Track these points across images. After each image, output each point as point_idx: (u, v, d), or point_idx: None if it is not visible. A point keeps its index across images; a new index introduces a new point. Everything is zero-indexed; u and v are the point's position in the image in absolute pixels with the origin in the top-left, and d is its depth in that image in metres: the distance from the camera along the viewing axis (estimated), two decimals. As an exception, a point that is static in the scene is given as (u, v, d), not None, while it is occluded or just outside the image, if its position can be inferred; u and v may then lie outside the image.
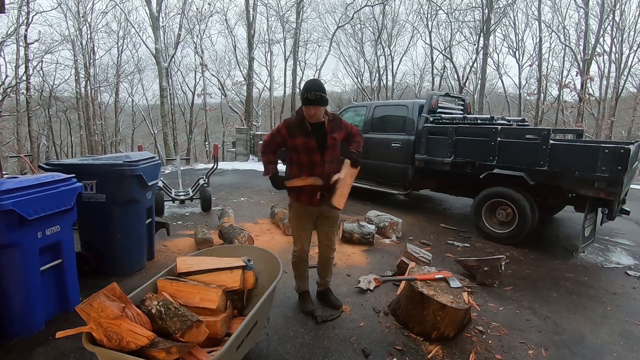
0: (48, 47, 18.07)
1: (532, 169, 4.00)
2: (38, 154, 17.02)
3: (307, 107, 2.32)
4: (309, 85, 2.32)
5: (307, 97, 2.28)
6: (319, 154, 2.36)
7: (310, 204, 2.45)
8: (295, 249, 2.64)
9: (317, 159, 2.36)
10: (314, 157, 2.36)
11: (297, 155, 2.39)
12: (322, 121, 2.39)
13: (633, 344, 2.42)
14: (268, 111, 24.08)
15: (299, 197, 2.46)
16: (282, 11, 20.86)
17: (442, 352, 2.25)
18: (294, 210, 2.56)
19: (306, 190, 2.40)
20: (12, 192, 2.13)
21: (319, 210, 2.49)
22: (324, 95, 2.31)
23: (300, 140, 2.35)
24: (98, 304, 1.43)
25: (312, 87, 2.29)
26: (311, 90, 2.27)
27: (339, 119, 2.49)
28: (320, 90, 2.29)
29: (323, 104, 2.32)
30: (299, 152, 2.37)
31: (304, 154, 2.36)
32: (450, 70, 21.18)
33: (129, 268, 3.22)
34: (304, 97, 2.29)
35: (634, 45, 17.85)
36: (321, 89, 2.30)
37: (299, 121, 2.38)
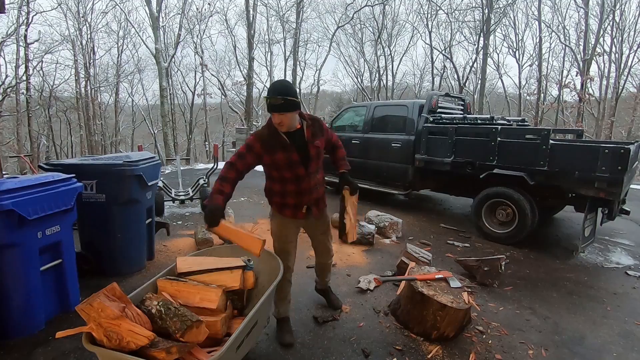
0: (48, 47, 18.09)
1: (532, 169, 4.00)
2: (38, 154, 17.01)
3: (272, 115, 1.98)
4: (271, 88, 1.96)
5: (270, 102, 1.91)
6: (302, 168, 2.07)
7: (295, 217, 2.20)
8: (282, 261, 2.20)
9: (301, 172, 2.08)
10: (298, 171, 2.07)
11: (278, 172, 2.08)
12: (297, 128, 2.07)
13: (633, 344, 2.42)
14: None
15: (282, 209, 2.18)
16: (282, 11, 20.90)
17: (442, 352, 2.25)
18: (277, 222, 2.24)
19: (290, 203, 2.15)
20: (12, 192, 2.13)
21: (304, 222, 2.29)
22: (290, 99, 1.92)
23: (280, 155, 2.02)
24: (98, 304, 1.43)
25: (275, 91, 1.92)
26: (274, 95, 1.90)
27: (318, 122, 2.18)
28: (284, 94, 1.90)
29: (292, 109, 1.95)
30: (279, 168, 2.06)
31: (286, 170, 2.06)
32: (450, 70, 21.20)
33: (129, 268, 3.22)
34: (267, 103, 1.94)
35: (634, 45, 17.88)
36: (286, 92, 1.92)
37: (273, 133, 2.02)
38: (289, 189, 2.12)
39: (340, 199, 2.41)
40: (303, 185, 2.11)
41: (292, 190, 2.12)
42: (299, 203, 2.16)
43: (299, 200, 2.15)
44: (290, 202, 2.16)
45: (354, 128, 6.42)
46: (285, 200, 2.16)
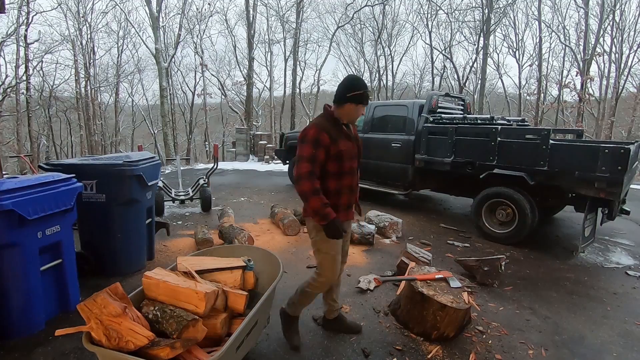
0: (48, 47, 18.09)
1: (532, 169, 4.00)
2: (38, 154, 17.03)
3: (359, 107, 2.00)
4: (360, 82, 2.02)
5: (366, 95, 1.99)
6: (357, 160, 2.09)
7: (347, 218, 2.14)
8: (329, 275, 2.08)
9: (355, 165, 2.08)
10: (353, 164, 2.06)
11: (339, 164, 1.98)
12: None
13: (633, 344, 2.42)
14: (268, 111, 24.08)
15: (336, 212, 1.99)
16: (282, 11, 20.88)
17: (442, 352, 2.25)
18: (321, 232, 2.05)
19: (343, 203, 2.06)
20: (12, 192, 2.13)
21: (349, 225, 2.24)
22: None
23: (345, 144, 1.99)
24: (101, 299, 1.44)
25: (365, 85, 2.02)
26: (366, 89, 2.00)
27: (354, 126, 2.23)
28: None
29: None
30: (342, 159, 1.98)
31: (347, 160, 2.00)
32: (450, 70, 21.20)
33: (129, 268, 3.21)
34: (360, 95, 1.97)
35: (634, 45, 17.88)
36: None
37: (334, 123, 2.00)
38: (345, 184, 2.03)
39: None
40: (355, 180, 2.10)
41: (348, 186, 2.05)
42: (351, 202, 2.12)
43: (351, 198, 2.11)
44: (344, 202, 2.06)
45: (354, 128, 6.40)
46: (339, 200, 2.03)
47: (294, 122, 20.62)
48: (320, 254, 2.06)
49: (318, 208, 1.86)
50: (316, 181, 1.89)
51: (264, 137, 13.93)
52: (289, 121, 21.10)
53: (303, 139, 1.92)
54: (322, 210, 1.87)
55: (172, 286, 1.69)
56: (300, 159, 1.90)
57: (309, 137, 1.91)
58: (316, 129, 1.93)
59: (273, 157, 12.13)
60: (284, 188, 7.50)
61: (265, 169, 10.71)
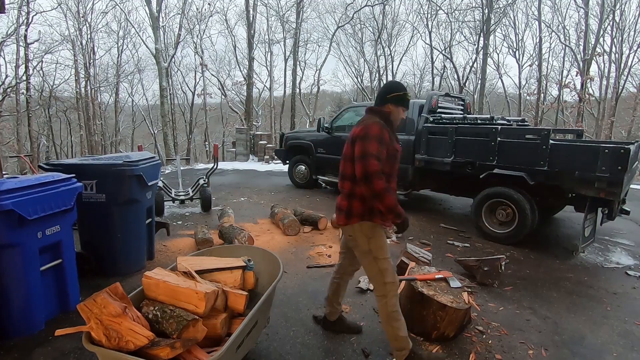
0: (48, 47, 18.11)
1: (532, 169, 4.00)
2: (38, 154, 16.99)
3: (399, 108, 2.03)
4: (401, 85, 2.07)
5: (406, 96, 2.03)
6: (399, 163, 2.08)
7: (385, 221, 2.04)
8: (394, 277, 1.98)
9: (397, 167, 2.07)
10: (397, 166, 2.05)
11: (392, 165, 1.96)
12: None
13: (633, 344, 2.42)
14: (268, 111, 24.09)
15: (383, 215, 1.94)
16: (282, 11, 20.87)
17: (442, 352, 2.25)
18: (381, 234, 1.99)
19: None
20: (12, 192, 2.13)
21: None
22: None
23: (397, 145, 1.99)
24: (101, 299, 1.44)
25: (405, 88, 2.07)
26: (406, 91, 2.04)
27: None
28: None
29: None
30: (394, 160, 1.97)
31: (397, 162, 2.01)
32: (450, 70, 21.20)
33: (129, 268, 3.21)
34: (400, 97, 2.01)
35: (634, 45, 17.90)
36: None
37: (388, 123, 1.98)
38: (392, 187, 1.98)
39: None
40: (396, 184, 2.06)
41: (394, 189, 2.00)
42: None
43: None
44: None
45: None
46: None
47: (294, 122, 20.62)
48: (379, 261, 1.95)
49: (394, 205, 1.81)
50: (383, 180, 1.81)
51: (264, 137, 13.93)
52: (289, 121, 21.11)
53: (366, 136, 1.83)
54: (398, 208, 1.82)
55: (172, 286, 1.69)
56: (366, 156, 1.79)
57: (373, 133, 1.84)
58: (379, 125, 1.88)
59: (273, 157, 12.13)
60: (284, 188, 7.50)
61: (265, 169, 10.71)
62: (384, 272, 1.95)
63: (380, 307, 1.99)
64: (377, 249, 1.94)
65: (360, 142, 1.84)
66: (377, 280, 1.97)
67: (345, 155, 2.01)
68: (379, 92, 2.09)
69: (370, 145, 1.81)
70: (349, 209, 1.96)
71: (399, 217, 1.85)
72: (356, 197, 1.94)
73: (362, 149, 1.82)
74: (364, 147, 1.82)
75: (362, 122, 1.97)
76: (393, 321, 1.96)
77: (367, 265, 1.99)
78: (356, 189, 1.93)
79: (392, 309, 1.95)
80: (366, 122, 1.92)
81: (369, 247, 1.94)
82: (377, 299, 2.00)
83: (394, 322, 1.96)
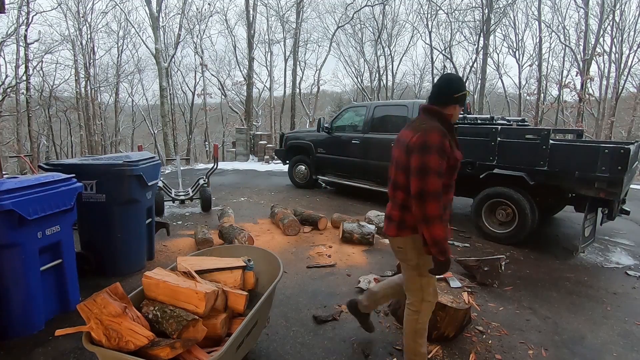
0: (48, 47, 18.10)
1: (532, 169, 4.00)
2: (38, 154, 17.00)
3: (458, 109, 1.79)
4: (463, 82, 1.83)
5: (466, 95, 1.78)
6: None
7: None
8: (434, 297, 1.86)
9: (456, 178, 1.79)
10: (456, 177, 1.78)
11: (451, 176, 1.72)
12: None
13: (633, 344, 2.42)
14: (268, 111, 24.09)
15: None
16: (282, 11, 20.87)
17: (442, 352, 2.25)
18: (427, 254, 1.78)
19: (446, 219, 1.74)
20: (12, 192, 2.13)
21: None
22: None
23: (458, 153, 1.73)
24: (101, 299, 1.44)
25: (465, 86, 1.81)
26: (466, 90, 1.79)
27: None
28: None
29: None
30: (454, 169, 1.72)
31: (455, 171, 1.74)
32: (451, 70, 21.18)
33: (129, 268, 3.21)
34: (464, 96, 1.76)
35: (634, 45, 17.90)
36: None
37: (449, 128, 1.72)
38: (450, 199, 1.78)
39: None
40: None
41: (450, 200, 1.80)
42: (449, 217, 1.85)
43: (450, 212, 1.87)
44: (447, 218, 1.74)
45: (354, 128, 6.42)
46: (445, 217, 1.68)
47: (294, 122, 20.62)
48: (423, 278, 1.80)
49: (442, 240, 1.58)
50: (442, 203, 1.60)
51: (264, 137, 13.93)
52: (289, 121, 21.11)
53: (425, 146, 1.59)
54: (445, 244, 1.60)
55: (172, 286, 1.69)
56: (426, 172, 1.57)
57: (434, 143, 1.59)
58: (440, 133, 1.62)
59: (273, 157, 12.13)
60: (284, 188, 7.50)
61: (265, 169, 10.71)
62: (426, 289, 1.82)
63: (409, 320, 1.87)
64: (426, 265, 1.77)
65: (418, 154, 1.60)
66: (416, 296, 1.84)
67: (397, 163, 1.76)
68: (440, 88, 1.77)
69: (430, 159, 1.57)
70: (401, 220, 1.77)
71: (443, 254, 1.61)
72: (411, 209, 1.70)
73: (421, 163, 1.58)
74: (423, 161, 1.58)
75: (418, 126, 1.70)
76: (418, 337, 1.86)
77: (409, 278, 1.86)
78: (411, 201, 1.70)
79: (422, 327, 1.85)
80: (424, 128, 1.64)
81: (417, 262, 1.78)
82: (408, 312, 1.88)
83: (419, 339, 1.86)
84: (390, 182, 1.84)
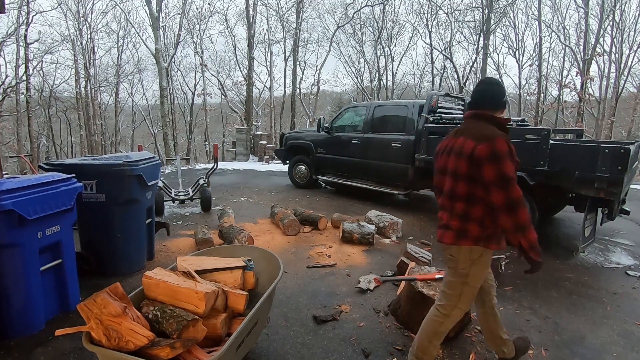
0: (48, 47, 18.11)
1: (532, 169, 3.99)
2: (38, 154, 17.01)
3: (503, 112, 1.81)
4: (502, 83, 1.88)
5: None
6: None
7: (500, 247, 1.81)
8: (467, 306, 1.87)
9: None
10: None
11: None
12: None
13: (633, 344, 2.42)
14: (268, 111, 24.09)
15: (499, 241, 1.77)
16: (282, 11, 20.87)
17: (442, 352, 2.25)
18: (486, 263, 1.81)
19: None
20: (12, 192, 2.13)
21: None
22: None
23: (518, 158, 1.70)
24: (101, 299, 1.44)
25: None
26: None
27: None
28: None
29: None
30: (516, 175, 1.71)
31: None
32: (450, 70, 21.20)
33: (129, 268, 3.21)
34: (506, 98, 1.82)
35: (634, 45, 17.89)
36: None
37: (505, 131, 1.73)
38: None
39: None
40: None
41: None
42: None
43: None
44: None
45: (354, 128, 6.42)
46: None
47: (294, 122, 20.62)
48: (467, 287, 1.79)
49: (535, 241, 1.61)
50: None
51: (264, 137, 13.93)
52: (289, 121, 21.11)
53: (497, 156, 1.58)
54: (537, 244, 1.62)
55: (172, 286, 1.69)
56: (507, 181, 1.56)
57: (503, 150, 1.58)
58: (505, 139, 1.62)
59: (273, 157, 12.13)
60: (284, 188, 7.50)
61: (265, 169, 10.71)
62: (464, 298, 1.81)
63: (434, 321, 1.86)
64: (475, 276, 1.77)
65: (491, 165, 1.58)
66: (452, 301, 1.82)
67: (454, 173, 1.73)
68: (489, 93, 1.78)
69: (506, 167, 1.57)
70: (462, 230, 1.73)
71: (539, 255, 1.64)
72: (473, 220, 1.70)
73: (499, 172, 1.56)
74: (501, 170, 1.56)
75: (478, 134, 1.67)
76: (436, 339, 1.87)
77: (451, 283, 1.83)
78: (472, 211, 1.70)
79: (443, 330, 1.86)
80: (489, 137, 1.63)
81: (467, 272, 1.76)
82: (436, 313, 1.87)
83: (435, 341, 1.87)
84: (445, 193, 1.81)
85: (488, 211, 1.67)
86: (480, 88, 1.82)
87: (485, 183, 1.61)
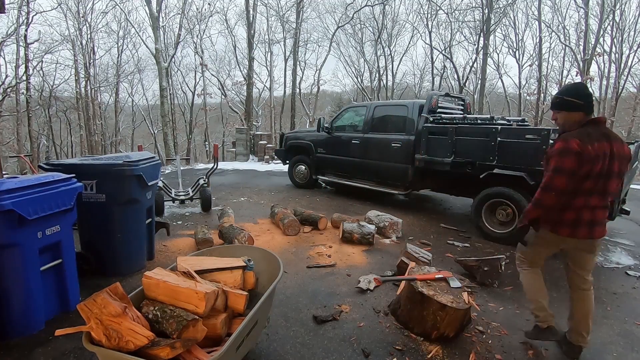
0: (48, 47, 18.09)
1: (532, 169, 4.00)
2: (38, 154, 17.04)
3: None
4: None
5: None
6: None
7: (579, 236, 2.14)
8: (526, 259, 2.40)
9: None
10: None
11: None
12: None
13: (633, 344, 2.42)
14: (268, 111, 24.08)
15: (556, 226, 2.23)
16: (282, 11, 20.87)
17: (442, 352, 2.25)
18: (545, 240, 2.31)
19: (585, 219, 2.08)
20: (12, 192, 2.13)
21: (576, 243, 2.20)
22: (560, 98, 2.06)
23: None
24: (101, 299, 1.44)
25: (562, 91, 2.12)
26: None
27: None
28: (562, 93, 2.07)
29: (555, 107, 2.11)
30: None
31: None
32: (450, 70, 21.19)
33: (129, 268, 3.21)
34: None
35: (634, 45, 17.88)
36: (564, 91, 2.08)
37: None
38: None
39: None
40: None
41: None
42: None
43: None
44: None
45: (354, 128, 6.42)
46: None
47: (294, 122, 20.62)
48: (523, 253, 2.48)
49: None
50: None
51: (264, 137, 13.93)
52: (289, 121, 21.10)
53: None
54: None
55: (172, 286, 1.69)
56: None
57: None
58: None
59: (273, 157, 12.13)
60: (284, 188, 7.50)
61: (265, 169, 10.71)
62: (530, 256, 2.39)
63: (591, 297, 2.30)
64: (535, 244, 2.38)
65: (628, 162, 2.08)
66: (592, 276, 2.31)
67: (619, 174, 2.06)
68: (590, 98, 2.06)
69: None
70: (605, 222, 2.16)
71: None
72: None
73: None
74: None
75: (612, 136, 2.02)
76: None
77: (593, 262, 2.29)
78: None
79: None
80: (619, 138, 2.04)
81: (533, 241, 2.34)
82: (590, 293, 2.32)
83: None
84: (609, 193, 2.09)
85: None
86: (585, 93, 2.05)
87: (619, 175, 2.05)
